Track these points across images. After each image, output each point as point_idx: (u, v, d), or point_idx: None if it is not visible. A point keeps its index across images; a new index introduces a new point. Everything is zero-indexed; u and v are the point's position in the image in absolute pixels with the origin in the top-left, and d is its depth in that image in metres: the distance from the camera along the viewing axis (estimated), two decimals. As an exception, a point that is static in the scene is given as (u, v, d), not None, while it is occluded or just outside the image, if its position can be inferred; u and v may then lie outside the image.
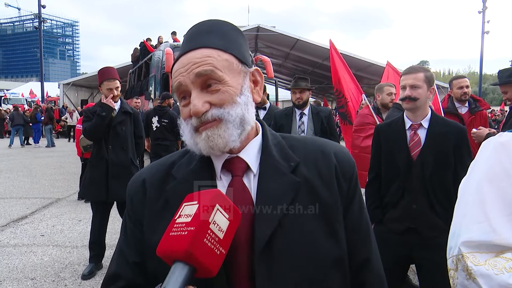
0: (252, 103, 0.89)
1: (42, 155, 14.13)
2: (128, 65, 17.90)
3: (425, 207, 2.25)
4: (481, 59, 27.21)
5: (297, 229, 0.82)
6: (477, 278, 0.98)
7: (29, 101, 29.66)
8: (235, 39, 0.90)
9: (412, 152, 2.31)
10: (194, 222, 0.71)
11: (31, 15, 33.52)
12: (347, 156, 0.93)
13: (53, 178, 9.20)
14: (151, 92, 11.11)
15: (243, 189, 0.86)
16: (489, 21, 26.94)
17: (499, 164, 1.05)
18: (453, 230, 1.12)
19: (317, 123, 4.02)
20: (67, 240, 4.89)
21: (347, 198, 0.89)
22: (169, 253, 0.72)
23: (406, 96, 2.29)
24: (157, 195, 0.90)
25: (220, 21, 0.91)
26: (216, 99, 0.83)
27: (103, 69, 3.92)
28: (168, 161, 0.96)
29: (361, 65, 21.36)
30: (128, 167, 3.90)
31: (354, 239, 0.89)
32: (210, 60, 0.83)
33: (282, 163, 0.88)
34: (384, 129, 2.50)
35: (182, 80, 0.84)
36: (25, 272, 3.89)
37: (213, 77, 0.82)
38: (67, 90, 25.50)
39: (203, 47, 0.85)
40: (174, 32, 14.01)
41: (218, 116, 0.83)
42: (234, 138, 0.84)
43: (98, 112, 3.75)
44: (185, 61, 0.85)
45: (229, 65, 0.85)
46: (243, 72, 0.88)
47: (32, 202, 6.87)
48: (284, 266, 0.80)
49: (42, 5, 24.57)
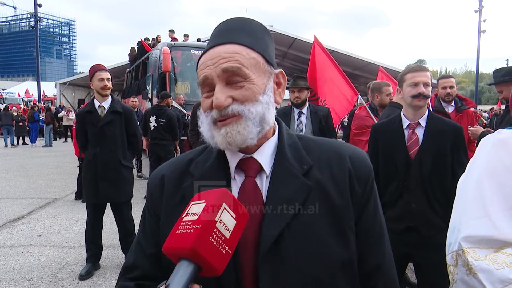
0: (274, 103, 0.90)
1: (39, 155, 14.07)
2: (125, 65, 17.83)
3: (424, 206, 2.26)
4: (478, 58, 27.26)
5: (305, 232, 0.83)
6: (477, 273, 0.97)
7: (25, 101, 29.51)
8: (263, 38, 0.91)
9: (410, 151, 2.31)
10: (200, 221, 0.72)
11: (27, 14, 33.20)
12: (363, 160, 0.92)
13: (50, 178, 9.16)
14: (148, 92, 11.07)
15: (255, 190, 0.87)
16: (486, 20, 27.01)
17: (499, 161, 1.06)
18: (453, 226, 1.12)
19: (316, 122, 4.01)
20: (64, 240, 4.87)
21: (361, 202, 0.89)
22: (175, 250, 0.72)
23: (420, 93, 2.27)
24: (175, 191, 0.92)
25: (251, 20, 0.93)
26: (239, 95, 0.84)
27: (93, 65, 3.93)
28: (187, 158, 0.98)
29: (359, 64, 21.39)
30: (117, 168, 3.83)
31: (366, 244, 0.89)
32: (238, 57, 0.84)
33: (295, 165, 0.88)
34: (382, 128, 2.49)
35: (209, 73, 0.85)
36: (22, 273, 3.86)
37: (239, 74, 0.84)
38: (64, 90, 25.39)
39: (233, 42, 0.87)
40: (172, 30, 13.96)
41: (239, 111, 0.84)
42: (252, 135, 0.85)
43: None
44: (213, 55, 0.86)
45: (256, 63, 0.87)
46: (268, 72, 0.89)
47: (28, 202, 6.84)
48: (290, 268, 0.81)
49: (38, 4, 24.41)
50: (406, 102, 2.37)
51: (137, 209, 5.05)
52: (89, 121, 3.81)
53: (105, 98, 3.85)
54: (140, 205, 6.33)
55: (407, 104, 2.36)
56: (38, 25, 26.13)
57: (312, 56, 5.17)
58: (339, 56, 18.73)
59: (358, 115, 4.42)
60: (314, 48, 5.23)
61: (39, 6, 24.54)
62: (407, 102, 2.34)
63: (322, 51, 5.19)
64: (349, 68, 20.65)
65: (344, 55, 19.93)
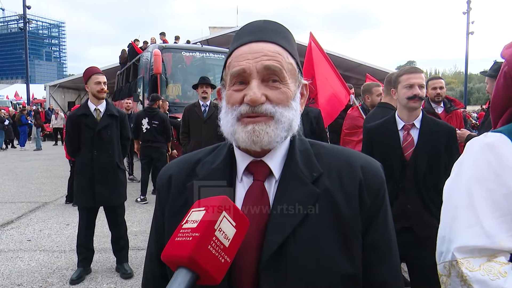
0: (300, 112, 0.89)
1: (28, 158, 13.89)
2: (116, 67, 17.72)
3: (419, 207, 2.27)
4: (466, 59, 27.61)
5: (310, 240, 0.80)
6: (472, 285, 0.96)
7: (14, 103, 29.13)
8: (295, 47, 0.91)
9: (405, 153, 2.32)
10: (199, 229, 0.71)
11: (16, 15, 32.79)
12: (375, 170, 0.90)
13: (39, 182, 9.04)
14: (139, 94, 11.01)
15: (262, 194, 0.85)
16: (474, 22, 27.40)
17: (488, 165, 1.03)
18: (442, 235, 1.10)
19: (307, 124, 4.01)
20: (54, 244, 4.81)
21: (370, 214, 0.85)
22: (173, 258, 0.71)
23: (415, 94, 2.28)
24: (180, 192, 0.90)
25: (284, 26, 0.93)
26: (274, 95, 0.83)
27: (88, 68, 3.88)
28: (195, 158, 0.96)
29: (350, 66, 21.53)
30: (114, 171, 3.82)
31: (372, 258, 0.86)
32: (279, 58, 0.84)
33: (305, 171, 0.86)
34: (376, 130, 2.49)
35: (247, 66, 0.83)
36: (11, 278, 3.80)
37: (278, 75, 0.83)
38: (53, 92, 25.12)
39: (275, 43, 0.85)
40: (163, 33, 13.93)
41: (271, 112, 0.82)
42: (279, 139, 0.84)
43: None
44: (256, 49, 0.84)
45: (292, 69, 0.87)
46: (298, 81, 0.90)
47: (18, 206, 6.74)
48: (291, 276, 0.78)
49: (27, 6, 24.13)
50: (401, 103, 2.37)
51: (128, 212, 5.03)
52: (85, 124, 3.75)
53: (101, 101, 3.83)
54: (131, 207, 6.29)
55: (402, 105, 2.36)
56: (27, 27, 25.82)
57: (308, 54, 5.08)
58: (331, 57, 18.77)
59: (350, 115, 4.45)
60: (310, 46, 5.15)
61: (28, 7, 24.24)
62: (402, 104, 2.35)
63: (318, 48, 5.14)
64: (341, 69, 20.62)
65: (335, 57, 20.02)
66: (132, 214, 5.99)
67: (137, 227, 5.40)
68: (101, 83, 3.74)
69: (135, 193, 7.23)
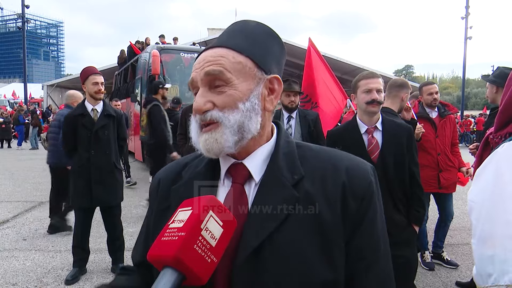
0: (259, 111, 0.85)
1: (25, 158, 13.85)
2: (114, 67, 17.69)
3: (389, 206, 2.32)
4: (464, 64, 27.73)
5: (287, 245, 0.78)
6: None
7: (12, 103, 29.03)
8: (264, 42, 0.87)
9: (372, 156, 2.37)
10: (185, 228, 0.70)
11: (15, 15, 32.72)
12: (362, 172, 0.85)
13: (36, 181, 9.01)
14: (137, 95, 11.00)
15: (240, 197, 0.83)
16: (472, 27, 27.50)
17: None
18: (490, 254, 1.01)
19: (305, 127, 4.02)
20: (50, 244, 4.80)
21: (355, 219, 0.81)
22: (159, 258, 0.70)
23: (374, 99, 2.34)
24: (166, 195, 0.91)
25: (256, 23, 0.90)
26: (219, 100, 0.82)
27: (86, 67, 3.87)
28: (183, 162, 0.97)
29: (347, 69, 21.62)
30: (112, 171, 3.82)
31: (358, 265, 0.81)
32: (222, 60, 0.82)
33: (286, 174, 0.83)
34: (339, 135, 2.54)
35: (194, 76, 0.84)
36: (6, 278, 3.79)
37: (221, 78, 0.81)
38: (51, 92, 25.07)
39: (221, 46, 0.84)
40: (162, 35, 13.94)
41: (217, 119, 0.81)
42: (229, 144, 0.81)
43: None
44: (201, 58, 0.85)
45: (241, 68, 0.83)
46: (258, 78, 0.85)
47: (14, 205, 6.73)
48: (265, 283, 0.76)
49: (25, 5, 24.08)
50: (361, 108, 2.44)
51: (124, 213, 5.02)
52: (82, 124, 3.74)
53: (98, 102, 3.83)
54: (127, 208, 6.28)
55: (362, 110, 2.43)
56: (26, 26, 25.77)
57: (308, 59, 5.13)
58: (328, 60, 18.77)
59: (346, 120, 4.48)
60: (309, 51, 5.20)
61: (26, 7, 24.18)
62: (362, 109, 2.42)
63: (316, 54, 5.19)
64: (338, 72, 20.83)
65: (333, 60, 20.12)
66: (128, 215, 5.99)
67: (133, 228, 5.40)
68: (98, 83, 3.74)
69: (131, 194, 7.22)
